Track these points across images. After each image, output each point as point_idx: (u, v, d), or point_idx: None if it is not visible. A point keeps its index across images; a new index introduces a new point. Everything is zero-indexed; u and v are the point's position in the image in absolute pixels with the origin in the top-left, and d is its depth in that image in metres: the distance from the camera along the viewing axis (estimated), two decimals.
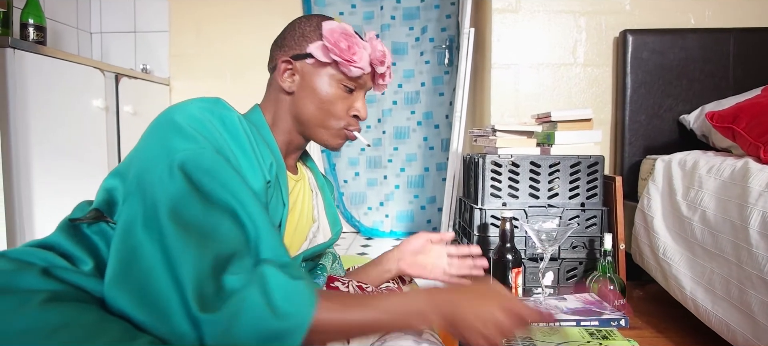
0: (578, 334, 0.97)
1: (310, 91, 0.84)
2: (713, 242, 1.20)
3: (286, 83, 0.84)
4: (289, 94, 0.86)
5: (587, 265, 1.52)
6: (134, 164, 0.66)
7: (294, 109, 0.86)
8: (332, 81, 0.84)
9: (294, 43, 0.85)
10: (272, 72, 0.88)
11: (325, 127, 0.86)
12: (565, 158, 1.50)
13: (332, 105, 0.84)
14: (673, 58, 1.80)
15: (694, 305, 1.23)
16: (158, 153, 0.64)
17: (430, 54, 2.67)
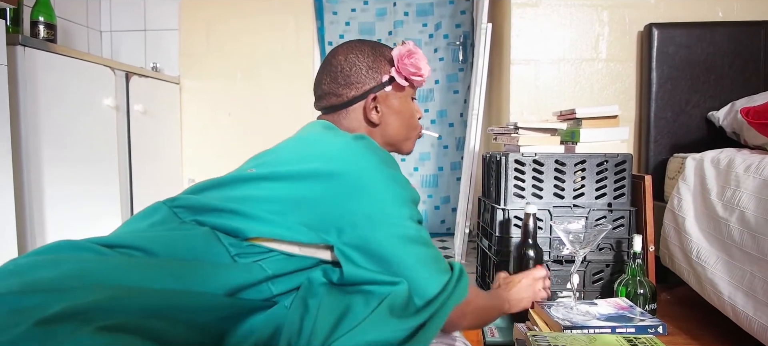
0: (616, 342, 0.92)
1: (396, 114, 0.93)
2: (754, 244, 1.14)
3: (374, 117, 0.91)
4: (376, 125, 0.92)
5: (614, 267, 1.46)
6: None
7: (385, 137, 0.94)
8: (407, 98, 0.94)
9: (364, 77, 0.91)
10: (339, 109, 0.92)
11: (409, 139, 0.97)
12: (591, 156, 1.44)
13: (412, 118, 0.95)
14: (700, 53, 1.74)
15: (733, 311, 1.17)
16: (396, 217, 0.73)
17: (444, 51, 2.62)
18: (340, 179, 0.69)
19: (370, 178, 0.70)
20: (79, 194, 1.90)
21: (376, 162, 0.72)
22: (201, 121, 2.74)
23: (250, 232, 0.65)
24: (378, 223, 0.68)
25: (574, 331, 1.00)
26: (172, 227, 0.65)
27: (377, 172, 0.71)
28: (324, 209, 0.68)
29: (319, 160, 0.71)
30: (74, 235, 0.69)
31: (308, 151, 0.75)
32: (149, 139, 2.41)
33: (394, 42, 2.64)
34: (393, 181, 0.72)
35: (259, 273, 0.64)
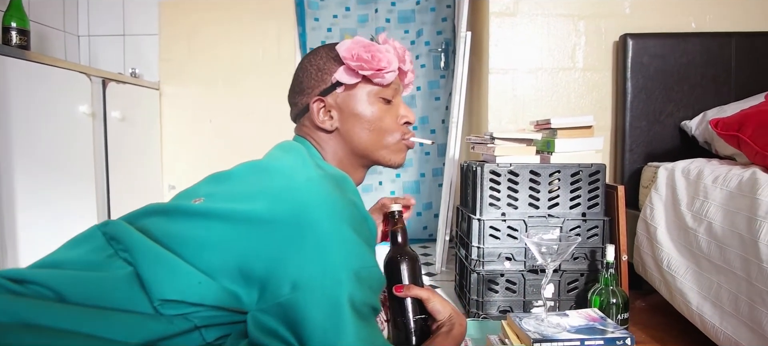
0: None
1: (354, 118, 0.80)
2: (720, 255, 1.16)
3: (326, 123, 0.80)
4: (332, 133, 0.81)
5: (588, 276, 1.48)
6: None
7: (348, 145, 0.82)
8: (370, 98, 0.81)
9: (313, 81, 0.81)
10: (300, 118, 0.84)
11: (384, 147, 0.83)
12: (565, 167, 1.46)
13: (381, 121, 0.81)
14: (674, 63, 1.77)
15: (701, 321, 1.19)
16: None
17: (425, 58, 2.63)
18: (276, 228, 0.59)
19: (311, 233, 0.59)
20: (53, 203, 1.86)
21: (328, 212, 0.61)
22: (181, 129, 2.72)
23: (170, 292, 0.57)
24: (305, 292, 0.57)
25: (544, 344, 1.01)
26: (98, 262, 0.60)
27: (324, 227, 0.60)
28: (253, 261, 0.59)
29: (260, 199, 0.63)
30: (48, 245, 0.67)
31: (255, 185, 0.67)
32: (127, 146, 2.37)
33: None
34: (342, 242, 0.60)
35: (185, 324, 0.57)
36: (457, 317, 0.82)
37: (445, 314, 0.81)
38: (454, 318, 0.81)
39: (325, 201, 0.62)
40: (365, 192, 2.74)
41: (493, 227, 1.46)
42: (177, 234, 0.62)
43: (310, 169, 0.69)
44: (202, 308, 0.59)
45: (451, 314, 0.81)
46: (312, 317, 0.56)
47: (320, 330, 0.56)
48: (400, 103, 0.86)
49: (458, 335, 0.80)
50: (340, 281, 0.58)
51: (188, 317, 0.59)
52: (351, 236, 0.62)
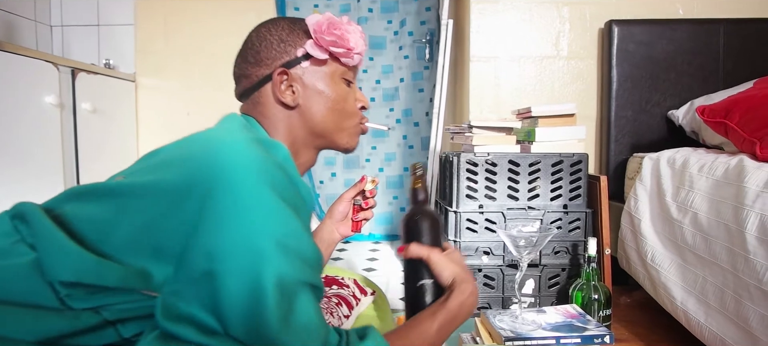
0: None
1: (319, 95, 0.76)
2: (706, 247, 1.10)
3: (287, 97, 0.74)
4: (292, 109, 0.76)
5: (570, 271, 1.41)
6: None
7: (307, 123, 0.77)
8: (335, 77, 0.77)
9: (276, 52, 0.75)
10: (251, 93, 0.77)
11: (343, 130, 0.80)
12: (546, 156, 1.39)
13: (344, 102, 0.79)
14: (660, 51, 1.70)
15: (686, 317, 1.13)
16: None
17: (409, 49, 2.56)
18: (190, 195, 0.52)
19: (228, 196, 0.52)
20: (19, 196, 1.78)
21: (248, 173, 0.53)
22: (158, 121, 2.63)
23: (64, 272, 0.49)
24: (221, 263, 0.50)
25: (517, 342, 0.94)
26: (2, 249, 0.53)
27: (243, 189, 0.52)
28: (167, 235, 0.52)
29: (175, 167, 0.56)
30: None
31: (174, 154, 0.60)
32: (100, 138, 2.29)
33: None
34: (264, 206, 0.53)
35: (93, 319, 0.51)
36: (462, 283, 0.72)
37: (446, 277, 0.73)
38: (456, 284, 0.72)
39: (245, 162, 0.55)
40: (348, 187, 2.66)
41: (470, 219, 1.39)
42: (87, 216, 0.55)
43: (235, 134, 0.62)
44: (110, 295, 0.51)
45: (455, 279, 0.72)
46: (230, 291, 0.50)
47: (240, 308, 0.50)
48: (356, 89, 0.83)
49: (455, 308, 0.69)
50: (261, 250, 0.51)
51: (99, 310, 0.51)
52: (276, 200, 0.54)
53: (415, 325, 0.68)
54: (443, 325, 0.68)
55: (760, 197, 0.96)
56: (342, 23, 0.77)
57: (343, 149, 0.82)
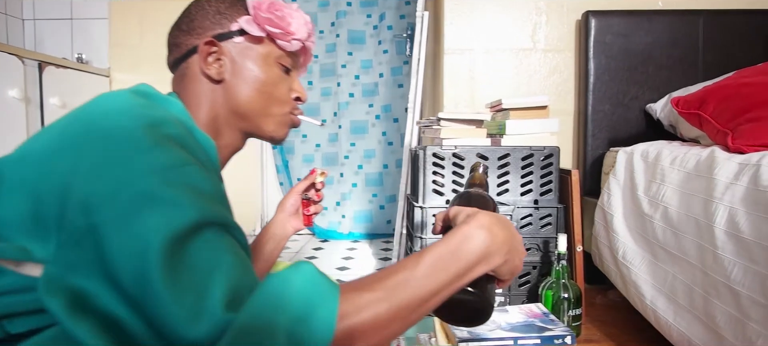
0: None
1: (246, 74, 0.72)
2: (676, 243, 1.05)
3: (212, 69, 0.69)
4: (218, 83, 0.71)
5: (542, 269, 1.36)
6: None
7: (231, 101, 0.72)
8: (269, 59, 0.73)
9: (210, 23, 0.71)
10: (180, 63, 0.72)
11: (269, 116, 0.75)
12: (515, 149, 1.34)
13: (275, 87, 0.74)
14: (638, 42, 1.65)
15: (655, 316, 1.08)
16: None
17: (388, 43, 2.51)
18: (65, 151, 0.47)
19: (102, 142, 0.47)
20: None
21: (123, 115, 0.49)
22: None
23: None
24: (99, 213, 0.44)
25: (471, 343, 0.89)
26: None
27: (119, 130, 0.47)
28: (45, 200, 0.46)
29: (54, 129, 0.51)
30: None
31: (52, 125, 0.54)
32: None
33: (337, 33, 2.52)
34: (142, 141, 0.47)
35: None
36: (475, 215, 0.55)
37: (460, 219, 0.57)
38: (469, 218, 0.55)
39: (119, 107, 0.50)
40: (327, 184, 2.61)
41: (435, 215, 1.33)
42: None
43: (113, 92, 0.57)
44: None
45: (468, 215, 0.56)
46: (114, 243, 0.43)
47: (128, 259, 0.42)
48: (295, 78, 0.79)
49: (456, 241, 0.52)
50: (143, 190, 0.45)
51: None
52: (156, 137, 0.49)
53: (399, 263, 0.53)
54: (436, 260, 0.50)
55: (730, 189, 0.91)
56: (285, 5, 0.73)
57: (269, 138, 0.77)
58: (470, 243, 0.52)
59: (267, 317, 0.43)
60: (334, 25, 2.53)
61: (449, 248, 0.52)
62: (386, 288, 0.48)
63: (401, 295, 0.48)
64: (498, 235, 0.54)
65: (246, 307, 0.43)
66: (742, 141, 1.02)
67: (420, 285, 0.49)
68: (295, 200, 1.01)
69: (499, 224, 0.55)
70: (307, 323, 0.43)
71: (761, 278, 0.80)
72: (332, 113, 2.58)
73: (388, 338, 0.48)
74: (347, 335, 0.45)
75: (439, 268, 0.50)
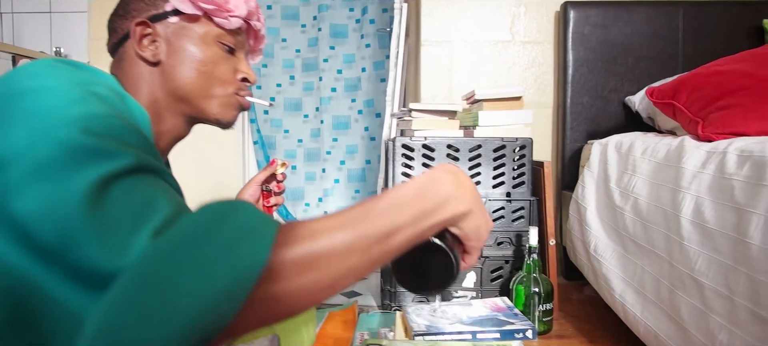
0: None
1: (183, 54, 0.70)
2: (645, 235, 1.02)
3: (147, 52, 0.68)
4: (155, 65, 0.69)
5: (514, 264, 1.33)
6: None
7: (169, 83, 0.70)
8: (207, 39, 0.71)
9: (145, 5, 0.70)
10: (118, 48, 0.71)
11: (212, 97, 0.73)
12: (486, 141, 1.31)
13: (215, 66, 0.72)
14: (617, 34, 1.62)
15: (624, 310, 1.05)
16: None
17: (371, 37, 2.47)
18: None
19: (19, 101, 0.45)
20: None
21: (44, 79, 0.47)
22: None
23: None
24: (13, 167, 0.41)
25: (427, 337, 0.85)
26: None
27: (37, 89, 0.46)
28: None
29: None
30: None
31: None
32: None
33: (319, 27, 2.48)
34: (61, 94, 0.46)
35: None
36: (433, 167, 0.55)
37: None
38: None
39: (49, 70, 0.48)
40: (309, 181, 2.57)
41: None
42: None
43: (51, 59, 0.55)
44: None
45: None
46: (27, 196, 0.40)
47: (45, 207, 0.39)
48: (242, 59, 0.77)
49: (424, 180, 0.50)
50: (60, 140, 0.42)
51: None
52: (77, 91, 0.47)
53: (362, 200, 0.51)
54: (400, 196, 0.47)
55: (696, 178, 0.88)
56: None
57: (216, 121, 0.75)
58: (435, 184, 0.50)
59: (193, 239, 0.39)
60: (316, 19, 2.49)
61: (414, 185, 0.49)
62: (345, 218, 0.45)
63: (360, 226, 0.44)
64: (464, 182, 0.52)
65: (173, 229, 0.39)
66: (712, 129, 0.99)
67: (381, 218, 0.45)
68: (254, 190, 0.98)
69: (465, 175, 0.53)
70: (239, 246, 0.39)
71: (725, 268, 0.77)
72: (314, 109, 2.54)
73: (349, 272, 0.43)
74: (300, 262, 0.41)
75: (403, 203, 0.47)
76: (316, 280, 0.41)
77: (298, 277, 0.40)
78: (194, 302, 0.36)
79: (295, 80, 2.54)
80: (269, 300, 0.39)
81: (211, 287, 0.36)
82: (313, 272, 0.41)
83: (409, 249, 0.48)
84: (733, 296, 0.74)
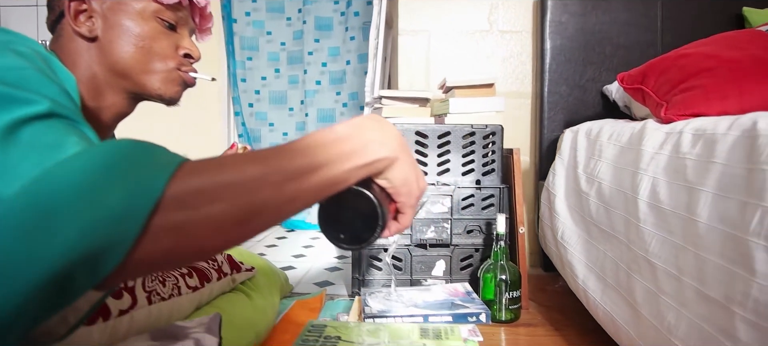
0: (407, 332, 0.76)
1: (120, 29, 0.71)
2: (607, 219, 1.00)
3: (83, 28, 0.68)
4: (93, 41, 0.70)
5: (484, 252, 1.31)
6: None
7: (107, 58, 0.70)
8: (145, 14, 0.72)
9: None
10: (56, 26, 0.71)
11: (151, 72, 0.73)
12: (456, 128, 1.29)
13: (153, 42, 0.73)
14: (595, 22, 1.61)
15: (585, 296, 1.03)
16: None
17: (356, 30, 2.46)
18: None
19: None
20: None
21: None
22: None
23: None
24: None
25: (377, 319, 0.84)
26: None
27: None
28: None
29: None
30: None
31: None
32: None
33: (304, 20, 2.47)
34: None
35: None
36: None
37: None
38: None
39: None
40: None
41: None
42: None
43: None
44: None
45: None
46: None
47: None
48: (185, 36, 0.78)
49: (342, 127, 0.48)
50: None
51: None
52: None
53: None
54: (320, 137, 0.46)
55: (654, 159, 0.87)
56: None
57: (158, 96, 0.76)
58: (358, 129, 0.47)
59: (88, 166, 0.37)
60: (301, 12, 2.48)
61: (334, 128, 0.47)
62: (258, 153, 0.43)
63: (273, 161, 0.43)
64: (389, 130, 0.50)
65: (70, 159, 0.38)
66: (674, 111, 0.97)
67: (297, 155, 0.44)
68: None
69: (391, 124, 0.51)
70: (136, 173, 0.38)
71: (675, 248, 0.75)
72: (299, 102, 2.54)
73: (261, 206, 0.41)
74: (205, 192, 0.39)
75: (321, 144, 0.45)
76: (223, 211, 0.39)
77: (203, 207, 0.38)
78: (77, 224, 0.34)
79: (280, 73, 2.53)
80: (173, 230, 0.37)
81: (99, 210, 0.35)
82: (219, 203, 0.39)
83: (334, 199, 0.47)
84: (682, 276, 0.72)
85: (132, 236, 0.36)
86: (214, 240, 0.40)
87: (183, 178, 0.39)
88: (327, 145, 0.45)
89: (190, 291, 0.87)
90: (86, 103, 0.71)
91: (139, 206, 0.36)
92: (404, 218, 0.55)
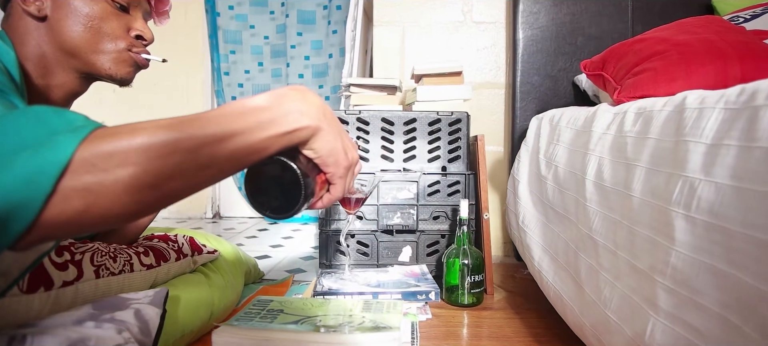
0: (350, 307, 0.77)
1: (69, 8, 0.72)
2: (561, 201, 1.01)
3: (32, 7, 0.70)
4: (42, 20, 0.71)
5: (450, 238, 1.32)
6: None
7: (56, 38, 0.72)
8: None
9: None
10: (6, 5, 0.72)
11: (101, 52, 0.74)
12: (421, 115, 1.31)
13: (103, 22, 0.74)
14: (566, 13, 1.62)
15: (540, 277, 1.04)
16: None
17: (338, 24, 2.47)
18: None
19: None
20: None
21: None
22: (83, 98, 2.53)
23: None
24: None
25: (327, 296, 0.85)
26: None
27: None
28: None
29: None
30: None
31: None
32: None
33: (287, 13, 2.49)
34: None
35: None
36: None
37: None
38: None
39: None
40: None
41: None
42: None
43: None
44: None
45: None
46: None
47: None
48: (139, 17, 0.79)
49: (255, 100, 0.47)
50: None
51: None
52: None
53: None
54: (239, 105, 0.46)
55: (601, 139, 0.88)
56: None
57: (108, 76, 0.76)
58: (279, 98, 0.47)
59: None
60: (284, 5, 2.50)
61: (255, 98, 0.47)
62: (173, 119, 0.43)
63: (187, 127, 0.42)
64: (311, 99, 0.49)
65: None
66: (625, 94, 0.98)
67: (212, 122, 0.43)
68: None
69: (315, 94, 0.51)
70: (47, 136, 0.39)
71: (614, 224, 0.76)
72: None
73: (174, 171, 0.42)
74: (116, 154, 0.40)
75: (238, 113, 0.45)
76: (134, 175, 0.40)
77: (113, 170, 0.39)
78: None
79: (263, 67, 2.55)
80: (83, 191, 0.38)
81: (6, 170, 0.36)
82: (130, 167, 0.40)
83: (258, 169, 0.48)
84: (618, 251, 0.73)
85: (41, 197, 0.37)
86: (126, 203, 0.41)
87: (94, 141, 0.40)
88: (244, 114, 0.45)
89: (144, 269, 0.88)
90: (35, 82, 0.73)
91: (48, 167, 0.37)
92: (335, 188, 0.55)
